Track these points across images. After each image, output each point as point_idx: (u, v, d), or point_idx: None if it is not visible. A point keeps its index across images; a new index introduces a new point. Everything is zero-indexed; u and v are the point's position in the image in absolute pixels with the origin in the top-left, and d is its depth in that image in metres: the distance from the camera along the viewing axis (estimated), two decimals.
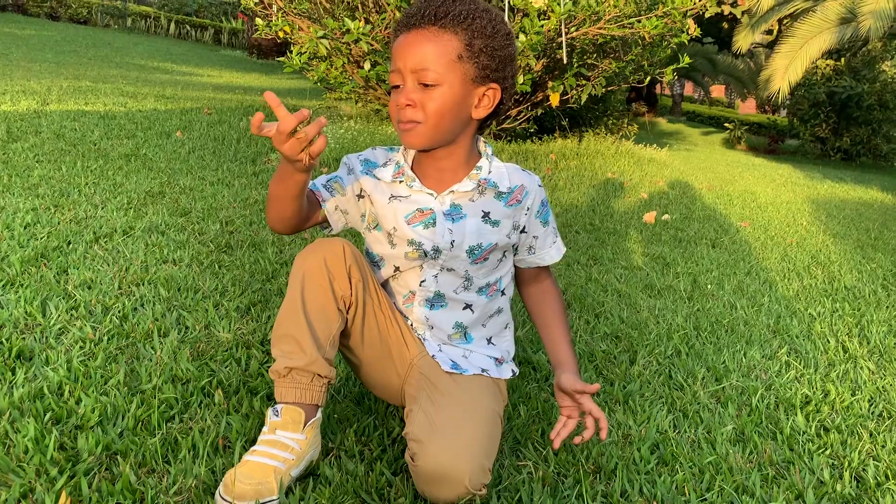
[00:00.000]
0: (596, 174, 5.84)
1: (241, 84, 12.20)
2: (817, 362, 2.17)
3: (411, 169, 1.37)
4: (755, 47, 21.04)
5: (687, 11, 4.98)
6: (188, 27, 20.36)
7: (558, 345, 1.46)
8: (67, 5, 18.95)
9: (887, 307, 3.02)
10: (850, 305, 2.99)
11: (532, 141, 6.86)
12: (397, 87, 1.27)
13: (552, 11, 4.79)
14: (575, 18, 4.92)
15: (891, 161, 16.78)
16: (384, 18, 5.08)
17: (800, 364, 2.14)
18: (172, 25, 19.93)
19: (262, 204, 3.35)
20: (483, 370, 1.39)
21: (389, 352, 1.37)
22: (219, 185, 3.69)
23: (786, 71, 9.65)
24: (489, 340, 1.46)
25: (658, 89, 26.24)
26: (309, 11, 5.14)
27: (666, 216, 4.65)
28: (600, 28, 4.89)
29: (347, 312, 1.30)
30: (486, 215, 1.36)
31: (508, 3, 5.00)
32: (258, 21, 5.08)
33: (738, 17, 6.52)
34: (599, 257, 3.31)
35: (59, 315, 1.75)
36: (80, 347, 1.59)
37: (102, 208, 2.77)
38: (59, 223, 2.50)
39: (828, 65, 15.66)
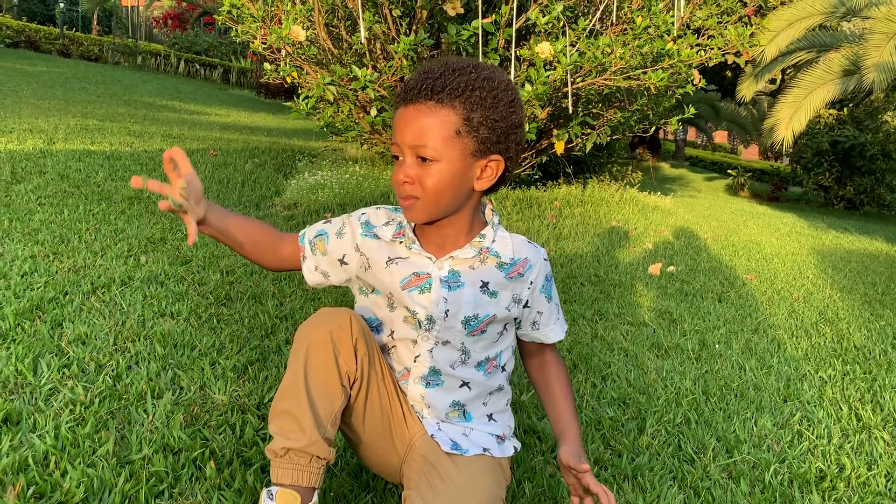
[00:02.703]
0: (600, 222, 5.81)
1: (248, 124, 12.28)
2: (830, 432, 2.11)
3: (413, 231, 1.34)
4: (758, 95, 21.22)
5: (692, 63, 5.00)
6: (198, 66, 20.61)
7: (561, 414, 1.41)
8: (79, 42, 19.21)
9: None
10: (861, 367, 2.92)
11: (536, 187, 6.85)
12: (398, 157, 1.24)
13: (558, 62, 4.81)
14: (581, 69, 4.94)
15: (894, 210, 16.80)
16: (391, 66, 5.11)
17: (812, 434, 2.07)
18: (182, 64, 20.17)
19: None
20: (485, 450, 1.33)
21: (390, 430, 1.31)
22: None
23: (790, 121, 9.69)
24: (490, 417, 1.40)
25: (661, 134, 26.43)
26: (317, 57, 5.17)
27: (671, 268, 4.61)
28: (606, 79, 4.90)
29: (351, 388, 1.25)
30: (484, 285, 1.32)
31: (515, 53, 5.03)
32: (266, 66, 5.11)
33: (742, 66, 6.56)
34: (605, 312, 3.26)
35: (51, 374, 1.70)
36: (70, 411, 1.54)
37: (102, 256, 2.74)
38: (56, 272, 2.46)
39: (831, 114, 15.78)
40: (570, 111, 4.97)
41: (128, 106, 10.95)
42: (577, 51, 4.90)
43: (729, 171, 19.10)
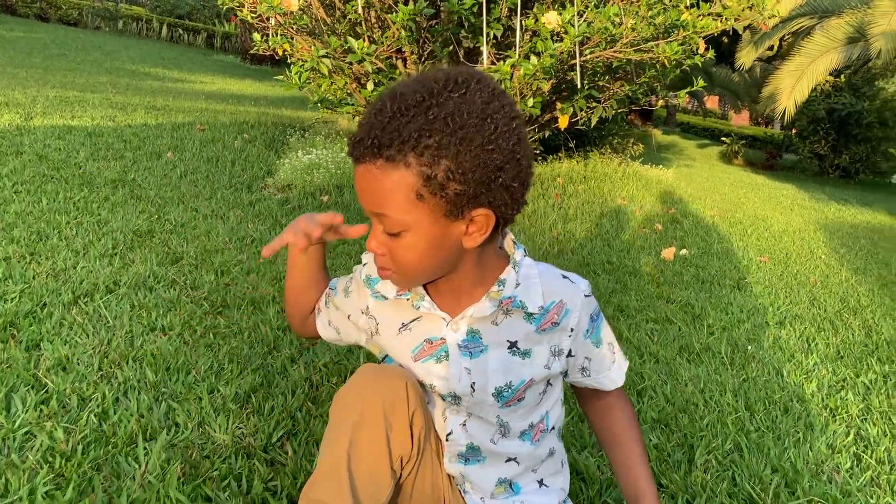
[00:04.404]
0: (605, 200, 5.60)
1: (235, 92, 11.91)
2: (891, 455, 1.93)
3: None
4: (754, 62, 20.91)
5: (706, 34, 4.74)
6: (181, 30, 20.02)
7: (632, 472, 1.17)
8: (57, 6, 18.59)
9: None
10: None
11: (537, 161, 6.62)
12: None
13: (565, 33, 4.55)
14: (589, 40, 4.68)
15: (889, 178, 16.70)
16: (388, 36, 4.83)
17: (872, 457, 1.89)
18: (165, 28, 19.59)
19: (260, 243, 3.09)
20: None
21: None
22: (213, 218, 3.42)
23: (792, 90, 9.46)
24: (541, 483, 1.19)
25: (653, 101, 26.12)
26: (309, 26, 4.87)
27: (684, 251, 4.42)
28: (616, 51, 4.65)
29: (402, 470, 1.03)
30: (513, 345, 1.07)
31: (520, 22, 4.76)
32: (255, 36, 4.80)
33: (741, 32, 6.30)
34: (626, 307, 3.06)
35: (27, 412, 1.48)
36: (49, 466, 1.32)
37: (84, 255, 2.50)
38: (34, 277, 2.22)
39: (827, 81, 15.54)
40: (579, 85, 4.71)
41: (109, 74, 10.57)
42: (585, 21, 4.63)
43: (723, 138, 18.88)
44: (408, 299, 1.08)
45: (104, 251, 2.58)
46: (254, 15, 4.82)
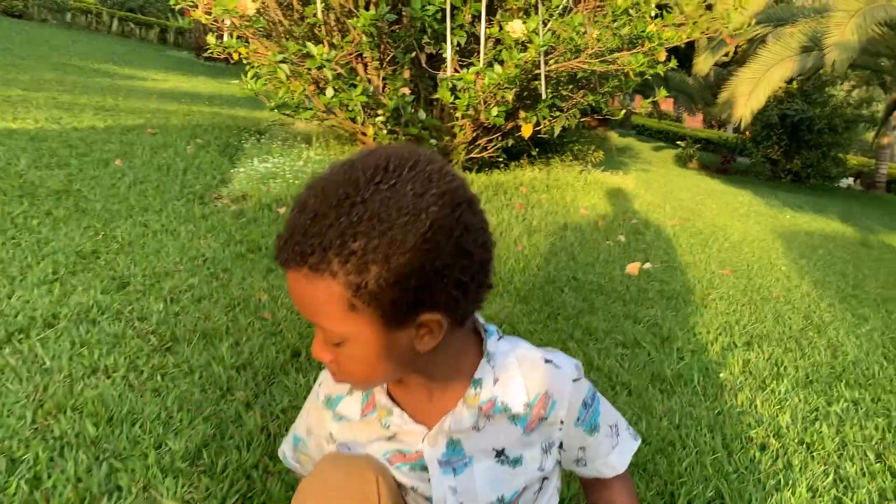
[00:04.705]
0: (569, 210, 5.54)
1: (188, 90, 11.59)
2: (872, 497, 1.88)
3: (388, 393, 0.96)
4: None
5: (671, 45, 4.71)
6: (132, 24, 19.46)
7: None
8: None
9: None
10: (869, 393, 2.73)
11: (500, 168, 6.54)
12: None
13: (530, 42, 4.47)
14: (555, 50, 4.60)
15: (837, 181, 17.11)
16: (348, 40, 4.68)
17: (853, 501, 1.84)
18: (115, 22, 19.01)
19: (213, 263, 2.92)
20: None
21: None
22: (163, 234, 3.24)
23: (748, 99, 9.57)
24: None
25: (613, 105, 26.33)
26: (266, 29, 4.70)
27: (647, 264, 4.38)
28: (581, 62, 4.58)
29: None
30: (500, 454, 0.96)
31: (484, 31, 4.66)
32: (210, 39, 4.61)
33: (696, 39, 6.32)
34: (594, 329, 2.98)
35: None
36: None
37: (21, 283, 2.31)
38: None
39: (780, 87, 15.82)
40: (543, 95, 4.64)
41: (56, 71, 10.17)
42: (550, 30, 4.56)
43: (678, 142, 19.06)
44: (375, 416, 0.96)
45: (43, 277, 2.40)
46: (208, 16, 4.64)
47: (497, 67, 4.56)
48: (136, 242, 3.02)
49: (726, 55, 14.03)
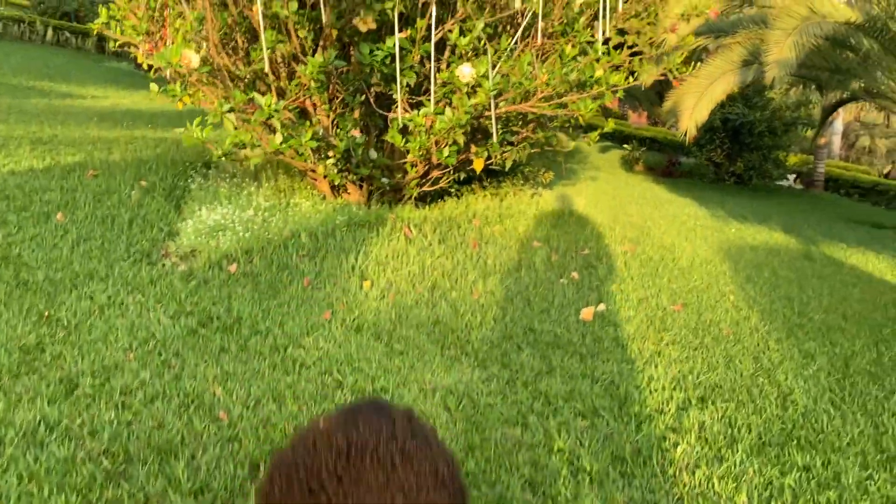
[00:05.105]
0: (522, 245, 5.57)
1: (129, 107, 11.31)
2: None
3: None
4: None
5: (618, 87, 4.77)
6: (68, 34, 18.85)
7: None
8: None
9: (854, 455, 2.85)
10: (819, 455, 2.81)
11: (452, 196, 6.53)
12: None
13: (479, 86, 4.47)
14: (505, 93, 4.61)
15: (778, 181, 17.59)
16: (298, 85, 4.62)
17: None
18: (50, 31, 18.39)
19: (164, 347, 2.84)
20: None
21: None
22: (111, 309, 3.15)
23: (692, 112, 9.76)
24: None
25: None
26: (211, 75, 4.59)
27: (601, 306, 4.43)
28: (532, 105, 4.60)
29: None
30: None
31: (434, 75, 4.64)
32: (153, 87, 4.49)
33: (642, 51, 6.43)
34: (553, 396, 3.00)
35: None
36: None
37: None
38: None
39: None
40: (494, 138, 4.64)
41: None
42: (499, 73, 4.57)
43: (624, 145, 19.33)
44: None
45: None
46: (149, 64, 4.51)
47: (448, 112, 4.55)
48: (82, 325, 2.92)
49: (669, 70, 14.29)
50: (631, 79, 4.62)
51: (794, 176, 19.90)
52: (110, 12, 4.73)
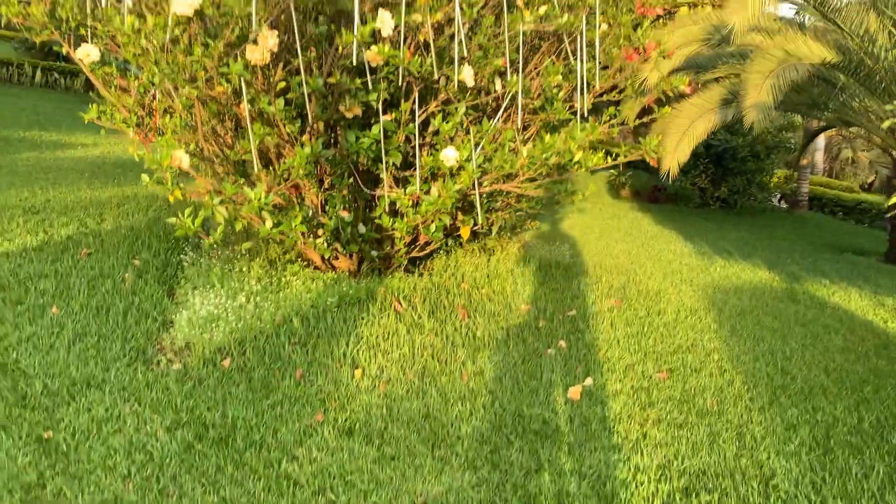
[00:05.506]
0: (510, 310, 5.67)
1: (119, 156, 11.39)
2: None
3: None
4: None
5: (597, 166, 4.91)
6: (56, 74, 18.94)
7: None
8: None
9: None
10: None
11: (439, 255, 6.64)
12: None
13: (463, 169, 4.60)
14: (488, 174, 4.74)
15: (763, 204, 17.83)
16: (285, 169, 4.73)
17: None
18: (39, 73, 18.49)
19: (162, 472, 2.93)
20: None
21: None
22: (109, 424, 3.23)
23: (675, 151, 9.94)
24: None
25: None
26: (201, 166, 4.70)
27: (588, 380, 4.54)
28: (515, 186, 4.74)
29: None
30: None
31: (419, 159, 4.77)
32: (144, 178, 4.58)
33: (624, 88, 6.58)
34: (542, 499, 3.10)
35: None
36: None
37: None
38: None
39: None
40: (479, 218, 4.77)
41: None
42: (482, 154, 4.71)
43: (611, 170, 19.55)
44: None
45: None
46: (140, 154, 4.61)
47: (434, 191, 4.68)
48: (81, 447, 3.01)
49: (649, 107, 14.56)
50: (610, 159, 4.76)
51: (779, 195, 20.16)
52: (101, 108, 4.84)
